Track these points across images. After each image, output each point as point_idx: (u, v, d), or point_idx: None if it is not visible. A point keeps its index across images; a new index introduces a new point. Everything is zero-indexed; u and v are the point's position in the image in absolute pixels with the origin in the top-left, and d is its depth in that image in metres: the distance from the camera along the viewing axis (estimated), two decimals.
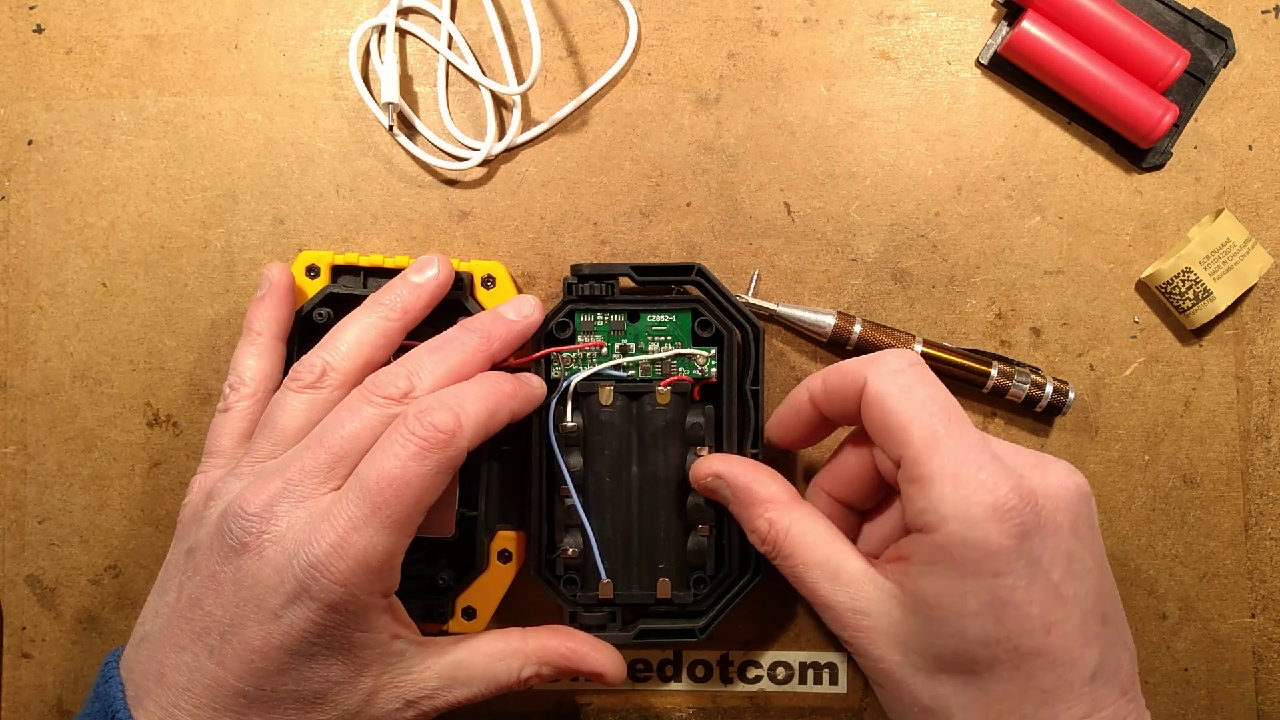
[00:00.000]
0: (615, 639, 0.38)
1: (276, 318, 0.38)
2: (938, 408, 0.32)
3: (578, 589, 0.38)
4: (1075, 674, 0.30)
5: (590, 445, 0.38)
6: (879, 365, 0.33)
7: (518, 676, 0.36)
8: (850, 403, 0.34)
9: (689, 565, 0.39)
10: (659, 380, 0.38)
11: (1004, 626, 0.29)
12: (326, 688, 0.32)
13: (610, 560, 0.38)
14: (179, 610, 0.33)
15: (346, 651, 0.32)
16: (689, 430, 0.38)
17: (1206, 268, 0.40)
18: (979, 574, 0.29)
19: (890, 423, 0.32)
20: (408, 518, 0.32)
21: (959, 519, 0.29)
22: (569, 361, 0.39)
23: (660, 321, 0.39)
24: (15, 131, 0.43)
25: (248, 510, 0.32)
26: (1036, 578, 0.30)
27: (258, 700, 0.31)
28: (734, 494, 0.36)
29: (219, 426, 0.37)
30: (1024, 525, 0.29)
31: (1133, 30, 0.40)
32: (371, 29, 0.42)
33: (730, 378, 0.38)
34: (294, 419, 0.35)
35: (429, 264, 0.38)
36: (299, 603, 0.31)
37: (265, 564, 0.31)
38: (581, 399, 0.38)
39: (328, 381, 0.35)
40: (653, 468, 0.38)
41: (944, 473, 0.30)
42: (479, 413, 0.33)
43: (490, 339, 0.36)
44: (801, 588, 0.34)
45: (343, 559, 0.31)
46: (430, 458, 0.31)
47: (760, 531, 0.35)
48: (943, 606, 0.30)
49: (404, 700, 0.34)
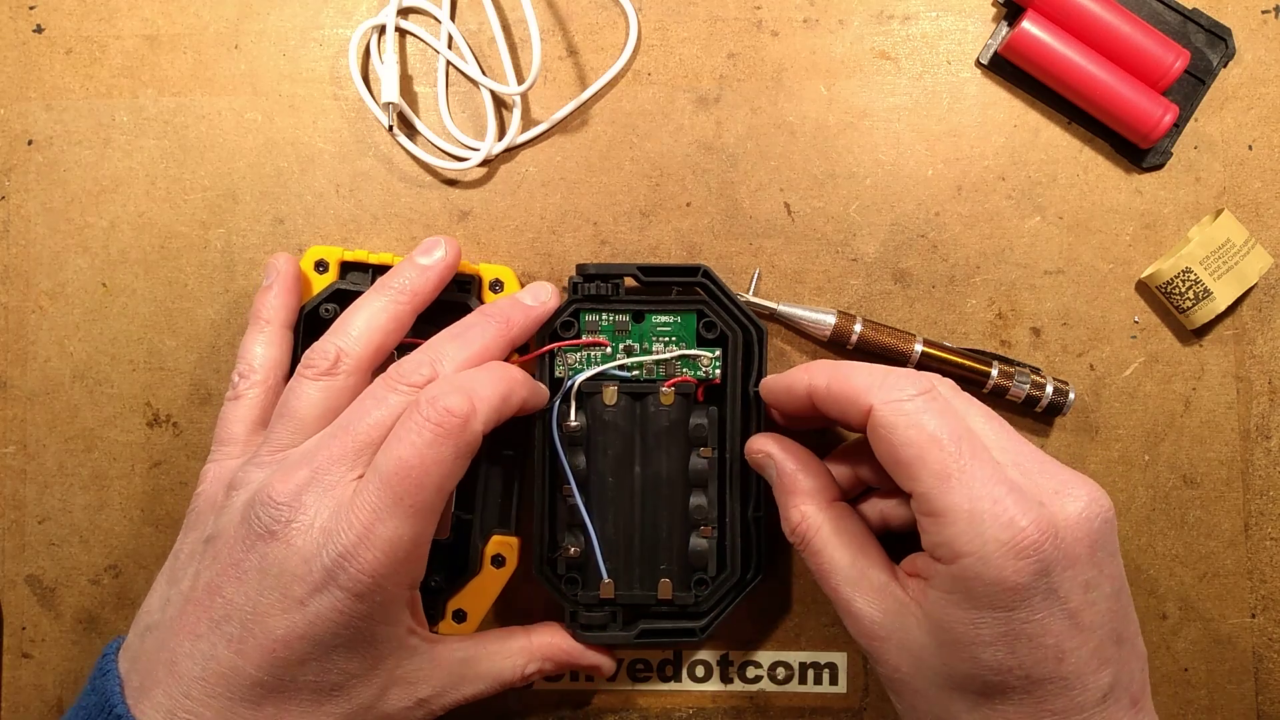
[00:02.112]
0: (616, 639, 0.38)
1: (284, 305, 0.38)
2: (948, 440, 0.30)
3: (579, 588, 0.38)
4: (1087, 696, 0.30)
5: (593, 445, 0.38)
6: (886, 392, 0.32)
7: (522, 673, 0.37)
8: (852, 417, 0.33)
9: (690, 566, 0.39)
10: (663, 381, 0.39)
11: (1017, 656, 0.29)
12: (344, 679, 0.32)
13: (612, 560, 0.38)
14: (194, 598, 0.32)
15: (367, 644, 0.32)
16: (692, 431, 0.38)
17: (1206, 268, 0.40)
18: (994, 608, 0.29)
19: (899, 456, 0.31)
20: (430, 504, 0.32)
21: (975, 556, 0.29)
22: (573, 361, 0.39)
23: (665, 322, 0.39)
24: (15, 131, 0.43)
25: (276, 499, 0.32)
26: (1053, 609, 0.29)
27: (275, 690, 0.31)
28: (779, 477, 0.36)
29: (229, 414, 0.37)
30: (1043, 561, 0.29)
31: (1133, 30, 0.40)
32: (371, 29, 0.42)
33: (734, 379, 0.38)
34: (311, 406, 0.34)
35: (435, 246, 0.38)
36: (326, 591, 0.31)
37: (293, 552, 0.31)
38: (585, 399, 0.38)
39: (342, 367, 0.35)
40: (656, 468, 0.38)
41: (958, 510, 0.29)
42: (491, 396, 0.33)
43: (510, 324, 0.36)
44: (824, 586, 0.34)
45: (370, 549, 0.30)
46: (447, 443, 0.31)
47: (792, 522, 0.35)
48: (956, 632, 0.30)
49: (415, 698, 0.34)
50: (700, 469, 0.38)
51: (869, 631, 0.32)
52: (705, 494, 0.38)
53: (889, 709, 0.41)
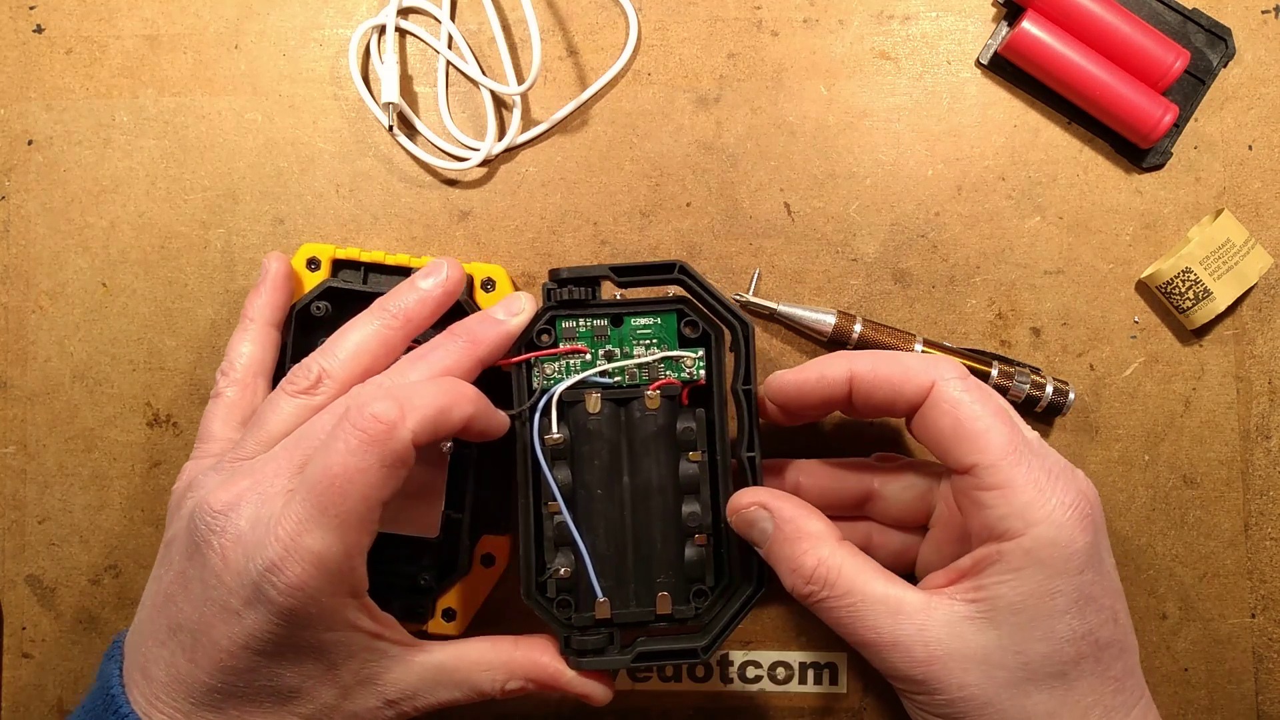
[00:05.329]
0: (614, 664, 0.36)
1: (271, 303, 0.38)
2: (1008, 417, 0.32)
3: (572, 611, 0.36)
4: (1134, 659, 0.32)
5: (578, 456, 0.36)
6: (944, 370, 0.33)
7: (501, 688, 0.35)
8: (902, 398, 0.33)
9: (688, 578, 0.37)
10: (646, 385, 0.37)
11: (1087, 621, 0.31)
12: (301, 683, 0.32)
13: (605, 577, 0.36)
14: (158, 603, 0.33)
15: (318, 651, 0.32)
16: (680, 435, 0.36)
17: (1206, 268, 0.40)
18: (1066, 572, 0.30)
19: (966, 429, 0.32)
20: (356, 515, 0.30)
21: (1048, 522, 0.30)
22: (551, 371, 0.37)
23: (645, 324, 0.37)
24: (15, 131, 0.43)
25: (214, 507, 0.32)
26: (1103, 572, 0.31)
27: (233, 695, 0.31)
28: (779, 526, 0.34)
29: (209, 412, 0.37)
30: (1095, 523, 0.31)
31: (1133, 30, 0.40)
32: (371, 29, 0.42)
33: (719, 379, 0.37)
34: (282, 422, 0.34)
35: (437, 269, 0.37)
36: (256, 606, 0.30)
37: (227, 565, 0.31)
38: (567, 409, 0.36)
39: (322, 389, 0.35)
40: (645, 476, 0.37)
41: (1027, 479, 0.31)
42: (426, 406, 0.31)
43: (476, 343, 0.35)
44: (857, 629, 0.32)
45: (296, 562, 0.30)
46: (371, 451, 0.30)
47: (807, 569, 0.33)
48: (1031, 609, 0.30)
49: (384, 699, 0.34)
50: (691, 474, 0.36)
51: (925, 657, 0.31)
52: (698, 500, 0.37)
53: (889, 709, 0.41)
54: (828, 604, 0.32)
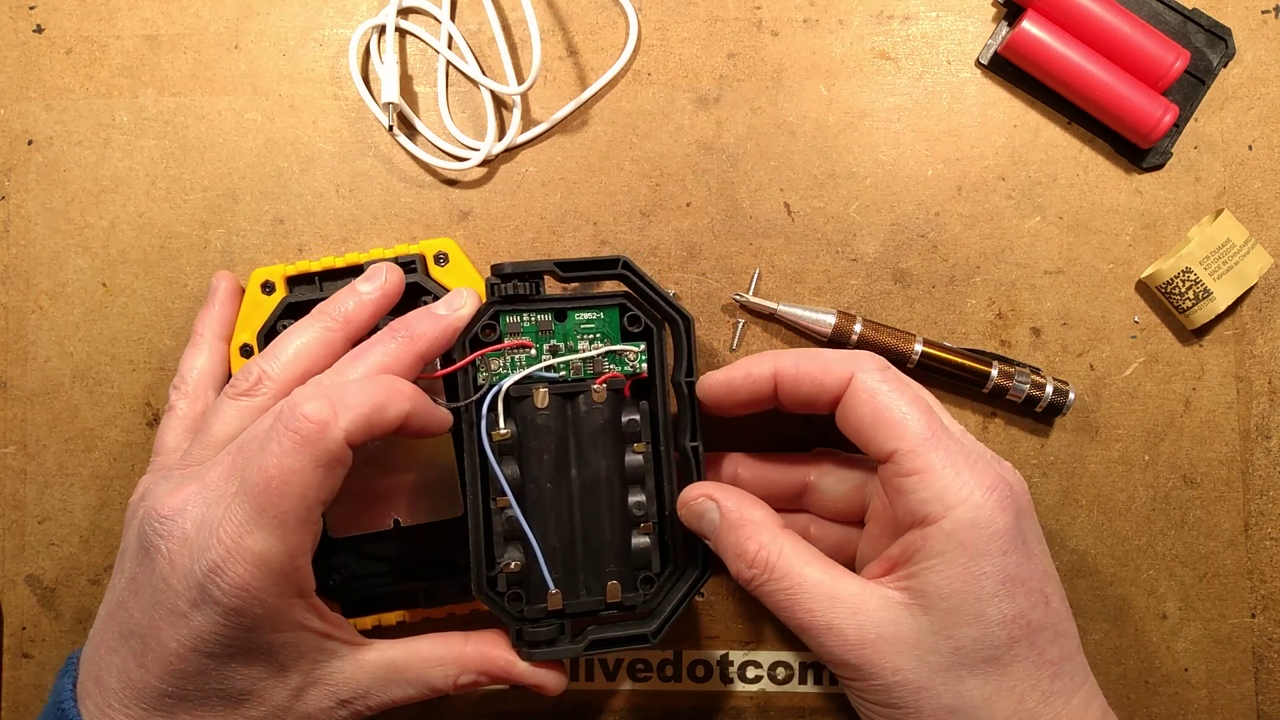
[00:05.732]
0: (567, 653, 0.36)
1: (217, 318, 0.40)
2: (926, 405, 0.33)
3: (523, 604, 0.37)
4: (1071, 644, 0.32)
5: (526, 451, 0.37)
6: (862, 363, 0.34)
7: (454, 683, 0.36)
8: (823, 392, 0.34)
9: (635, 566, 0.38)
10: (591, 379, 0.37)
11: (1016, 603, 0.31)
12: (251, 685, 0.32)
13: (556, 569, 0.37)
14: (111, 612, 0.33)
15: (266, 653, 0.32)
16: (626, 428, 0.37)
17: (1206, 268, 0.40)
18: (989, 554, 0.31)
19: (883, 417, 0.33)
20: (295, 516, 0.31)
21: (967, 503, 0.31)
22: (497, 367, 0.37)
23: (588, 319, 0.38)
24: (15, 131, 0.43)
25: (161, 512, 0.32)
26: (1030, 554, 0.32)
27: (184, 699, 0.32)
28: (724, 516, 0.35)
29: (163, 426, 0.38)
30: (1017, 505, 0.32)
31: (1133, 30, 0.40)
32: (371, 29, 0.42)
33: (661, 372, 0.38)
34: (226, 425, 0.35)
35: (377, 274, 0.38)
36: (203, 608, 0.31)
37: (174, 568, 0.31)
38: (514, 404, 0.37)
39: (262, 390, 0.35)
40: (593, 469, 0.37)
41: (944, 463, 0.32)
42: (360, 404, 0.32)
43: (415, 339, 0.35)
44: (794, 612, 0.33)
45: (239, 563, 0.30)
46: (304, 451, 0.30)
47: (750, 554, 0.34)
48: (959, 594, 0.31)
49: (336, 699, 0.34)
50: (636, 465, 0.37)
51: (858, 640, 0.31)
52: (643, 489, 0.37)
53: None
54: (767, 587, 0.33)
